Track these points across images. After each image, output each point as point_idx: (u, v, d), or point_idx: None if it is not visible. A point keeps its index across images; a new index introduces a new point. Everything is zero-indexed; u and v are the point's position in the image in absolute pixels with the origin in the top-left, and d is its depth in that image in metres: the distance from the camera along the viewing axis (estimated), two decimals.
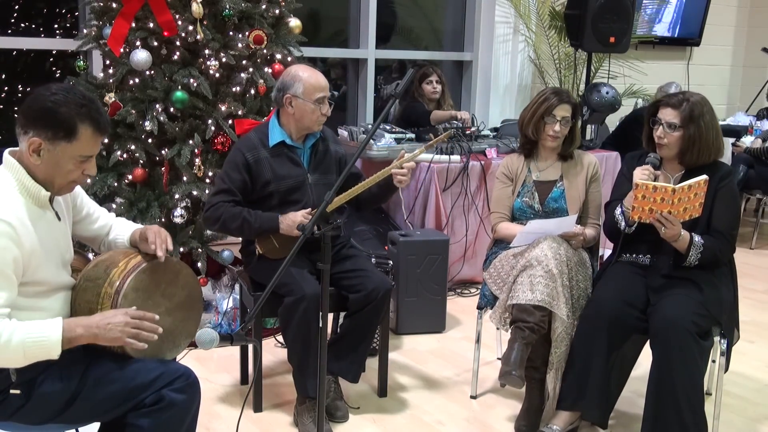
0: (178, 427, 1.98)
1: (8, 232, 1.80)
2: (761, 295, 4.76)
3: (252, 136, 2.98)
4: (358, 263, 3.00)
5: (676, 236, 2.62)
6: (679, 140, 2.72)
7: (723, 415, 2.90)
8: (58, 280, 1.97)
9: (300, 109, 2.89)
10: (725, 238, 2.71)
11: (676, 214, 2.56)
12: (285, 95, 2.90)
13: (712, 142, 2.72)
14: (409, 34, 6.06)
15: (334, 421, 2.95)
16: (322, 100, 2.89)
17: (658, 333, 2.58)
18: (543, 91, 3.11)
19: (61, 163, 1.90)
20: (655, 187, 2.53)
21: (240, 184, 2.88)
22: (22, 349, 1.78)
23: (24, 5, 4.47)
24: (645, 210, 2.57)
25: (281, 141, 2.93)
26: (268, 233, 2.87)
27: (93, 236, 2.23)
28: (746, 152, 5.79)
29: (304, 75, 2.89)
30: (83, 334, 1.86)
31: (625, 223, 2.78)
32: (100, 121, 1.92)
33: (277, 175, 2.90)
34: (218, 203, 2.86)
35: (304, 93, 2.87)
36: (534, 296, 2.71)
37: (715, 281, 2.71)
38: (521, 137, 3.19)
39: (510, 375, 2.66)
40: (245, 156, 2.89)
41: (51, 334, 1.81)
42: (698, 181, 2.54)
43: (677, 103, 2.72)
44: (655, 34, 6.63)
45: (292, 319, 2.76)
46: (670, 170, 2.84)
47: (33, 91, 1.90)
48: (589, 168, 3.15)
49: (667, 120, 2.73)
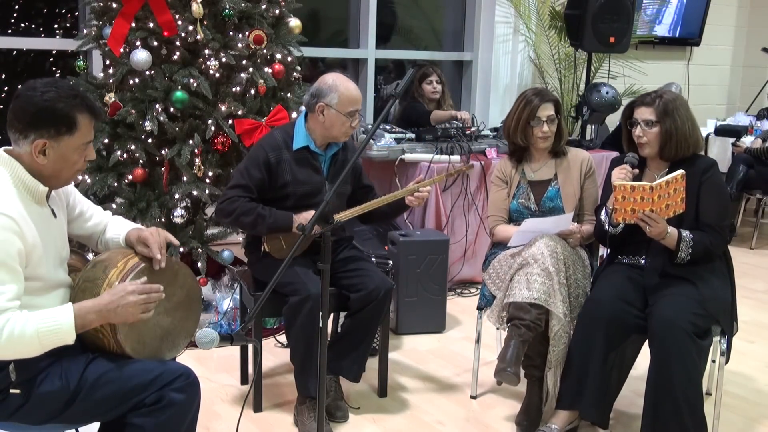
0: (178, 426, 1.98)
1: (11, 225, 1.80)
2: (761, 295, 4.76)
3: (277, 135, 2.97)
4: (358, 263, 3.01)
5: (662, 234, 2.63)
6: (657, 136, 2.76)
7: (723, 415, 2.90)
8: (55, 278, 1.98)
9: (331, 119, 2.87)
10: (715, 230, 2.72)
11: (658, 212, 2.58)
12: (318, 103, 2.87)
13: (689, 134, 2.75)
14: (409, 34, 6.06)
15: (335, 421, 2.95)
16: (354, 113, 2.88)
17: (655, 333, 2.59)
18: (523, 95, 3.09)
19: (67, 157, 1.93)
20: (633, 186, 2.56)
21: (258, 182, 2.87)
22: (38, 338, 1.80)
23: (24, 5, 4.47)
24: (627, 210, 2.60)
25: (305, 146, 2.92)
26: (280, 231, 2.87)
27: (88, 234, 2.23)
28: (746, 152, 5.79)
29: (341, 86, 2.86)
30: (96, 319, 1.89)
31: (610, 225, 2.81)
32: (93, 107, 1.96)
33: (296, 179, 2.90)
34: (234, 197, 2.85)
35: (339, 104, 2.85)
36: (530, 294, 2.71)
37: (712, 278, 2.72)
38: (509, 145, 3.19)
39: (505, 372, 2.66)
40: (268, 155, 2.88)
41: (63, 321, 1.83)
42: (675, 177, 2.55)
43: (651, 101, 2.77)
44: (655, 34, 6.64)
45: (297, 318, 2.76)
46: (655, 169, 2.87)
47: (18, 94, 1.89)
48: (583, 164, 3.15)
49: (644, 118, 2.77)
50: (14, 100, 1.90)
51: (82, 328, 1.88)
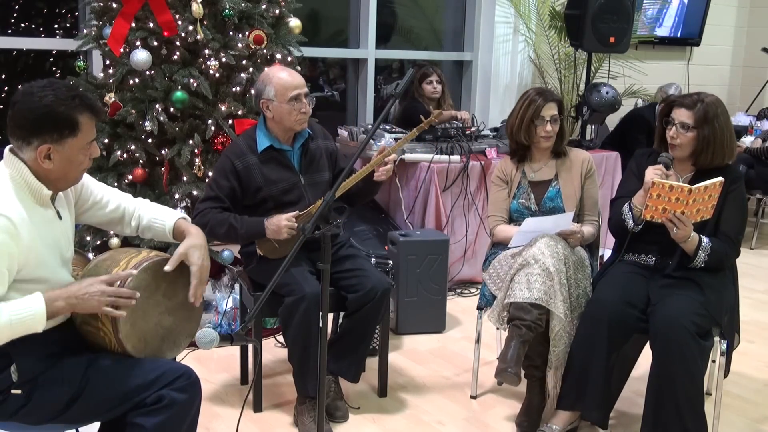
0: (178, 426, 1.98)
1: (7, 226, 1.80)
2: (761, 295, 4.76)
3: (240, 142, 2.97)
4: (356, 263, 3.00)
5: (686, 237, 2.60)
6: (692, 141, 2.70)
7: (723, 415, 2.90)
8: (58, 279, 1.97)
9: (277, 112, 2.87)
10: (732, 242, 2.70)
11: (688, 215, 2.54)
12: (261, 101, 2.89)
13: (727, 144, 2.70)
14: (409, 34, 6.06)
15: (334, 421, 2.95)
16: (297, 97, 2.85)
17: (657, 333, 2.58)
18: (526, 95, 3.09)
19: (73, 158, 1.92)
20: (671, 186, 2.50)
21: (228, 191, 2.87)
22: (10, 327, 1.79)
23: (24, 5, 4.47)
24: (658, 209, 2.55)
25: (269, 146, 2.92)
26: (255, 238, 2.87)
27: (107, 221, 2.22)
28: (746, 152, 5.79)
29: (273, 77, 2.87)
30: (63, 306, 1.88)
31: (633, 222, 2.77)
32: (93, 105, 1.95)
33: (268, 180, 2.89)
34: (205, 209, 2.85)
35: (277, 95, 2.84)
36: (531, 294, 2.71)
37: (717, 284, 2.70)
38: (511, 144, 3.18)
39: (506, 372, 2.66)
40: (233, 163, 2.88)
41: (35, 308, 1.83)
42: (714, 183, 2.52)
43: (691, 104, 2.69)
44: (655, 35, 6.64)
45: (293, 318, 2.75)
46: (680, 170, 2.82)
47: (16, 101, 1.87)
48: (584, 165, 3.15)
49: (681, 120, 2.70)
50: (12, 107, 1.87)
51: (52, 315, 1.87)
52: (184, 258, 2.07)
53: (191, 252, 2.08)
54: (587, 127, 5.41)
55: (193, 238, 2.12)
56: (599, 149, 5.26)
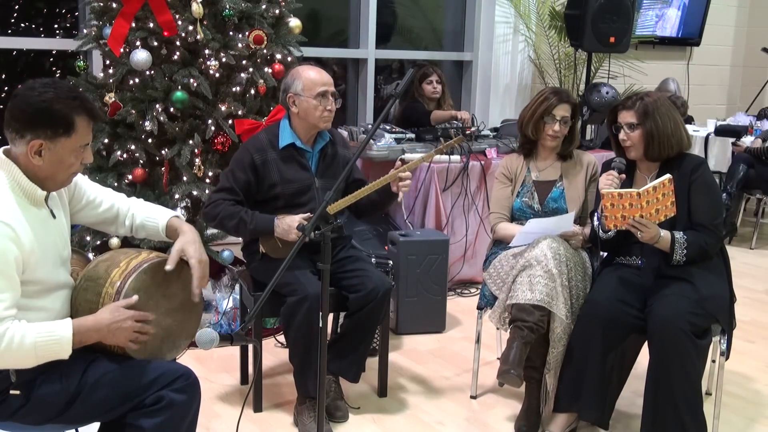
0: (178, 427, 1.98)
1: (8, 232, 1.79)
2: (761, 295, 4.76)
3: (262, 136, 2.98)
4: (357, 263, 3.00)
5: (655, 238, 2.64)
6: (641, 138, 2.77)
7: (723, 415, 2.90)
8: (57, 279, 1.97)
9: (303, 107, 2.88)
10: (708, 229, 2.72)
11: (648, 217, 2.58)
12: (288, 95, 2.90)
13: (672, 133, 2.76)
14: (409, 34, 6.06)
15: (334, 421, 2.95)
16: (324, 94, 2.87)
17: (654, 333, 2.59)
18: (543, 91, 3.12)
19: (63, 159, 1.91)
20: (620, 194, 2.56)
21: (243, 185, 2.88)
22: (34, 350, 1.80)
23: (24, 5, 4.47)
24: (617, 217, 2.60)
25: (291, 143, 2.93)
26: (263, 235, 2.87)
27: (101, 220, 2.21)
28: (746, 152, 5.79)
29: (302, 73, 2.90)
30: (93, 336, 1.90)
31: (603, 231, 2.82)
32: (92, 109, 1.94)
33: (284, 178, 2.90)
34: (218, 200, 2.86)
35: (304, 89, 2.86)
36: (533, 296, 2.71)
37: (709, 276, 2.71)
38: (521, 137, 3.20)
39: (508, 374, 2.66)
40: (253, 157, 2.89)
41: (62, 334, 1.83)
42: (662, 181, 2.55)
43: (632, 104, 2.80)
44: (655, 35, 6.64)
45: (295, 318, 2.76)
46: (645, 170, 2.88)
47: (17, 94, 1.88)
48: (589, 168, 3.15)
49: (626, 121, 2.80)
50: (12, 100, 1.88)
51: (80, 344, 1.88)
52: (182, 254, 2.07)
53: (187, 247, 2.08)
54: (587, 127, 5.41)
55: (186, 235, 2.13)
56: (599, 149, 5.25)
